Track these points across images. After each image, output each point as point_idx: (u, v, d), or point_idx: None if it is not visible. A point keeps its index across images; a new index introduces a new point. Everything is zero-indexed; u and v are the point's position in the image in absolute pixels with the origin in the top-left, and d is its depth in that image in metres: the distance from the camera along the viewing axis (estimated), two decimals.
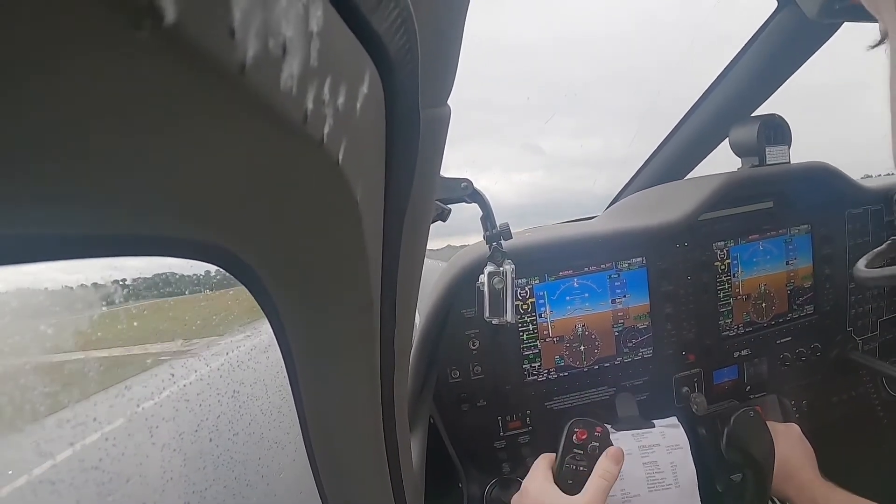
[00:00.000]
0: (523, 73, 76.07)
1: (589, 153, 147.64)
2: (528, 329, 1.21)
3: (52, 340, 1.07)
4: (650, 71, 22.56)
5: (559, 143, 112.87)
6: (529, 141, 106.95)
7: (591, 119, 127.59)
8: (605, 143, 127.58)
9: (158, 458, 3.84)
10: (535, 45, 66.47)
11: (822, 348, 1.40)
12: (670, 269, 1.26)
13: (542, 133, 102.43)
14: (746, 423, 1.08)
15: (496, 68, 45.62)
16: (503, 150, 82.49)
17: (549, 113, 15.12)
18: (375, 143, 0.33)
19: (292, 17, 0.18)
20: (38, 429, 2.43)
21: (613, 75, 61.07)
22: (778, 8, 1.21)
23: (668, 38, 19.05)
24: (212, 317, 5.87)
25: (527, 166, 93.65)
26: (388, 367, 0.50)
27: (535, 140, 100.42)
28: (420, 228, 0.51)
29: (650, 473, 1.04)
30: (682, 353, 1.28)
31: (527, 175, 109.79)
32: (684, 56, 1.94)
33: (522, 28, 51.85)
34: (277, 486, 3.21)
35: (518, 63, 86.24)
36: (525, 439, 1.24)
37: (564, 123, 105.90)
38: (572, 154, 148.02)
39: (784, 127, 1.28)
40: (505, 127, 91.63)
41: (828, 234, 1.37)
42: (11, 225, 0.20)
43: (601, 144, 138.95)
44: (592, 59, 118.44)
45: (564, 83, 56.26)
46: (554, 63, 69.42)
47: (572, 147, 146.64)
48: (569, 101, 15.92)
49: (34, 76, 0.13)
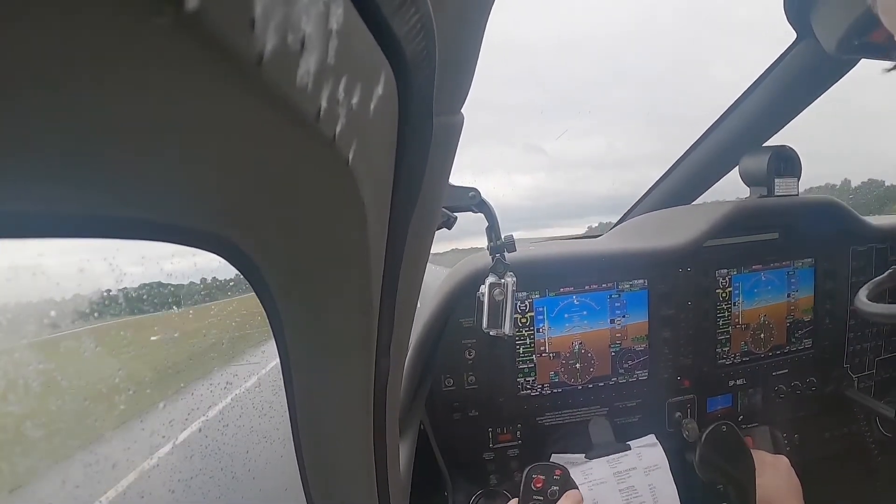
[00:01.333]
0: (523, 73, 76.66)
1: (592, 154, 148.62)
2: (525, 343, 1.20)
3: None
4: (652, 72, 22.69)
5: (561, 145, 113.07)
6: (531, 142, 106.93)
7: (594, 120, 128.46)
8: (608, 144, 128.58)
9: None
10: (536, 45, 67.11)
11: (818, 383, 1.39)
12: (671, 293, 1.25)
13: (545, 135, 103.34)
14: (719, 438, 1.07)
15: (495, 68, 45.88)
16: (505, 152, 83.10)
17: (549, 114, 14.92)
18: (386, 145, 0.33)
19: (313, 14, 0.18)
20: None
21: (616, 75, 62.50)
22: (797, 39, 1.21)
23: (672, 40, 19.16)
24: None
25: (529, 167, 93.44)
26: (383, 370, 0.50)
27: (537, 141, 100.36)
28: (425, 234, 0.51)
29: (627, 499, 1.04)
30: (678, 377, 1.28)
31: (529, 177, 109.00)
32: (687, 58, 1.94)
33: (522, 27, 52.44)
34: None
35: (518, 63, 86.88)
36: (514, 452, 1.23)
37: (566, 125, 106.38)
38: (574, 155, 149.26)
39: (794, 159, 1.28)
40: (506, 127, 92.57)
41: (831, 269, 1.37)
42: (32, 202, 0.20)
43: (605, 145, 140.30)
44: (595, 59, 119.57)
45: (566, 83, 57.43)
46: (556, 62, 70.44)
47: (575, 148, 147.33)
48: (573, 103, 15.92)
49: (54, 59, 0.13)
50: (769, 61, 1.31)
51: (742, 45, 19.70)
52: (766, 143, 1.39)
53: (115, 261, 1.09)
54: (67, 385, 2.98)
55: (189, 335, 5.30)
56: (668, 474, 1.07)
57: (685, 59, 43.24)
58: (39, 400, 2.53)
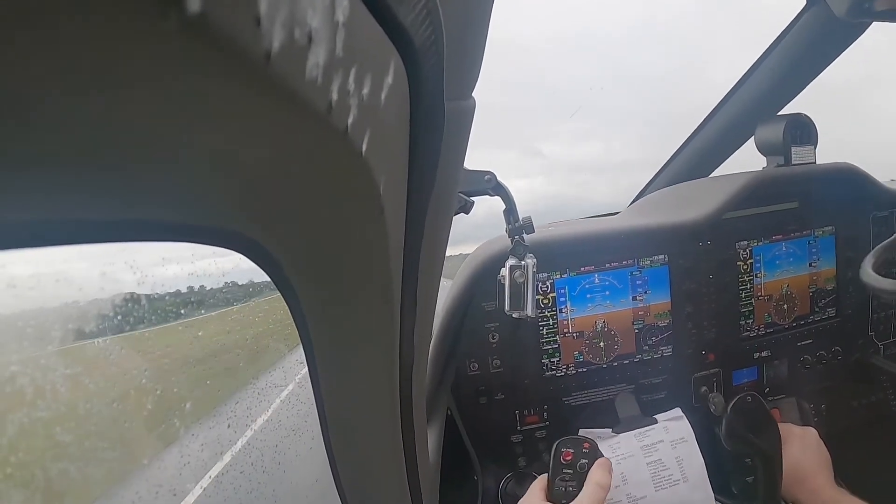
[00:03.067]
0: (519, 75, 74.07)
1: (590, 158, 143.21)
2: (548, 324, 1.20)
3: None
4: (654, 73, 22.29)
5: (559, 149, 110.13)
6: (530, 144, 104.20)
7: (592, 122, 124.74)
8: (605, 147, 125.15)
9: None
10: (536, 45, 64.77)
11: (843, 352, 1.38)
12: (692, 268, 1.24)
13: (544, 138, 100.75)
14: (745, 409, 1.06)
15: (495, 69, 44.89)
16: (503, 155, 79.72)
17: (550, 116, 14.44)
18: (399, 134, 0.33)
19: (319, 7, 0.18)
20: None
21: (615, 78, 59.60)
22: (807, 6, 1.19)
23: (675, 41, 18.76)
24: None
25: (526, 172, 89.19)
26: (408, 359, 0.51)
27: (536, 144, 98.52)
28: (443, 221, 0.51)
29: (655, 472, 1.04)
30: (702, 352, 1.27)
31: (525, 182, 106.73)
32: (689, 51, 1.91)
33: (521, 27, 50.79)
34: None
35: (516, 63, 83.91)
36: (542, 434, 1.24)
37: (565, 128, 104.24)
38: (572, 158, 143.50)
39: (810, 126, 1.26)
40: (505, 130, 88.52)
41: (852, 237, 1.35)
42: (44, 210, 0.21)
43: (602, 148, 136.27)
44: (594, 62, 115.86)
45: (566, 85, 55.15)
46: (556, 63, 67.98)
47: (573, 152, 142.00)
48: (570, 105, 15.59)
49: (64, 67, 0.13)
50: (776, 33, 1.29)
51: (751, 21, 19.10)
52: (781, 111, 1.37)
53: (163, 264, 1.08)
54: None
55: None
56: (695, 447, 1.07)
57: (688, 54, 41.68)
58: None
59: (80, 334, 1.66)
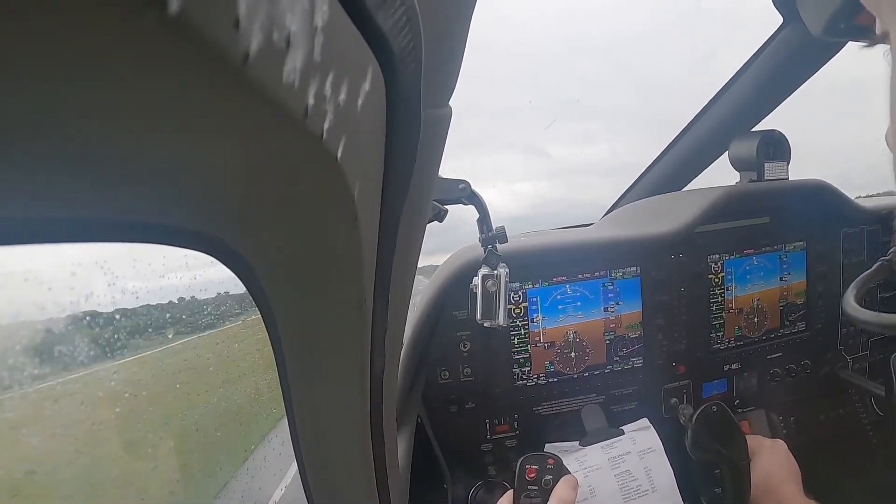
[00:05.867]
0: (522, 74, 69.60)
1: (596, 160, 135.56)
2: (519, 333, 1.20)
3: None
4: (656, 74, 22.35)
5: (564, 150, 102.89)
6: (533, 145, 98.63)
7: (597, 124, 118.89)
8: (611, 149, 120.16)
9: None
10: (536, 45, 62.09)
11: (813, 365, 1.40)
12: (664, 280, 1.26)
13: (547, 139, 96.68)
14: (710, 418, 1.07)
15: (494, 71, 43.53)
16: (505, 158, 74.07)
17: (551, 117, 14.68)
18: (375, 140, 0.33)
19: (298, 11, 0.18)
20: None
21: (618, 78, 57.53)
22: (783, 24, 1.21)
23: (677, 43, 18.83)
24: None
25: (531, 175, 78.47)
26: (379, 366, 0.50)
27: (540, 144, 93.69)
28: (416, 228, 0.51)
29: (623, 483, 1.04)
30: (673, 364, 1.28)
31: (529, 185, 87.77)
32: (693, 62, 1.94)
33: (522, 27, 48.72)
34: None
35: (516, 64, 79.16)
36: (512, 443, 1.24)
37: (567, 129, 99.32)
38: (577, 161, 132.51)
39: (783, 143, 1.29)
40: (505, 132, 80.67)
41: (823, 252, 1.38)
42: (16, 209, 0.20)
43: (608, 150, 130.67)
44: (596, 61, 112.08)
45: (568, 85, 52.69)
46: (557, 64, 64.91)
47: (577, 153, 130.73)
48: (572, 106, 15.56)
49: (39, 64, 0.13)
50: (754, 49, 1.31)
51: (729, 35, 19.23)
52: (755, 127, 1.39)
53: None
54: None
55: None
56: (663, 457, 1.07)
57: (690, 59, 41.37)
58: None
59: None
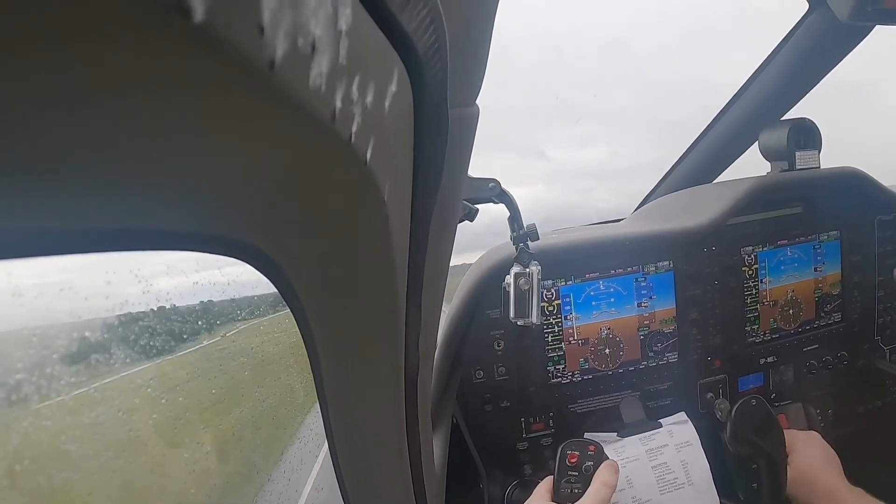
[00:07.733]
0: (517, 76, 68.91)
1: (595, 163, 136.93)
2: (553, 331, 1.20)
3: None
4: (656, 74, 22.06)
5: (563, 153, 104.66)
6: (532, 147, 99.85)
7: (596, 126, 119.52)
8: (611, 152, 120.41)
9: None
10: (535, 45, 61.79)
11: (849, 357, 1.37)
12: (697, 274, 1.24)
13: (546, 140, 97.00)
14: (749, 412, 1.07)
15: (492, 69, 43.24)
16: (503, 160, 74.37)
17: (551, 118, 14.08)
18: (403, 142, 0.33)
19: (321, 16, 0.18)
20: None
21: (617, 78, 56.61)
22: (809, 10, 1.18)
23: (679, 42, 18.56)
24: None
25: (529, 179, 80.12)
26: (413, 366, 0.50)
27: (540, 146, 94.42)
28: (447, 229, 0.51)
29: (660, 475, 1.03)
30: (708, 358, 1.26)
31: (527, 189, 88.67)
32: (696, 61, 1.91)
33: (522, 27, 48.11)
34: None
35: (514, 64, 78.02)
36: (548, 441, 1.23)
37: (567, 132, 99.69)
38: (576, 164, 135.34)
39: (814, 131, 1.26)
40: (505, 133, 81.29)
41: (857, 241, 1.34)
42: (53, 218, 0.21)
43: (607, 153, 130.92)
44: (596, 61, 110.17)
45: (565, 86, 52.43)
46: (555, 63, 64.57)
47: (576, 156, 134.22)
48: (572, 107, 15.38)
49: (68, 72, 0.13)
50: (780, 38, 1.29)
51: (754, 28, 18.61)
52: (785, 116, 1.36)
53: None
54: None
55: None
56: (699, 450, 1.06)
57: (692, 59, 40.79)
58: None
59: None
